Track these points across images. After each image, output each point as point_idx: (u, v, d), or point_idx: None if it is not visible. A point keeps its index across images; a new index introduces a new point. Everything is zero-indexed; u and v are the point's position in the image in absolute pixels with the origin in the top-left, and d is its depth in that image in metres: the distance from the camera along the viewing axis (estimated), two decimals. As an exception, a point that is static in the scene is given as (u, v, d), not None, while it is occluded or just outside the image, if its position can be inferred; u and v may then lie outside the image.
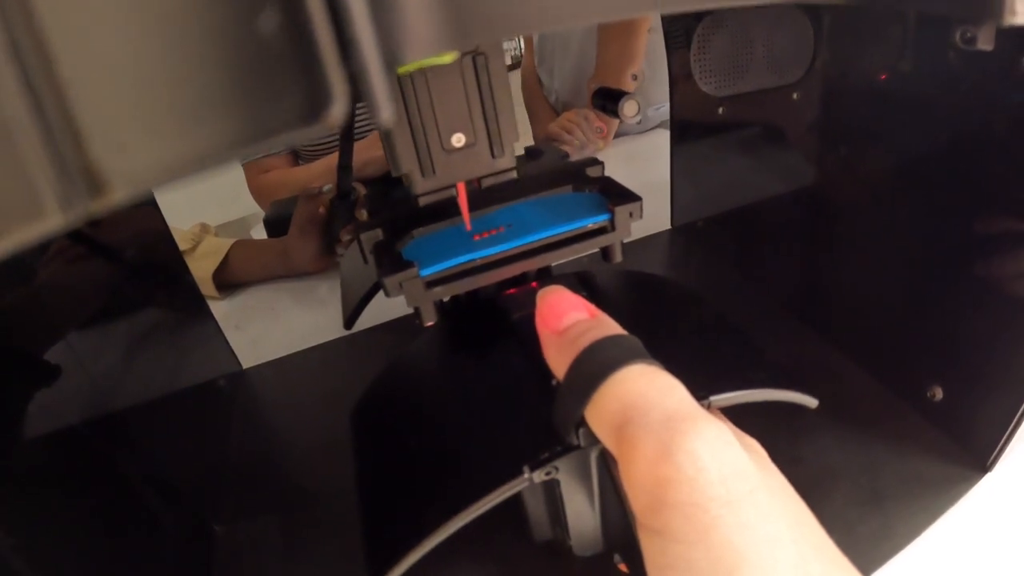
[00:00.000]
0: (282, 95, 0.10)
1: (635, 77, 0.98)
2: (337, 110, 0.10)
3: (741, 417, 0.26)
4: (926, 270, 0.39)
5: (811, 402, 0.29)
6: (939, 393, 0.40)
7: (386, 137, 0.28)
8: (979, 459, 0.38)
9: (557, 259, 0.30)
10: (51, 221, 0.09)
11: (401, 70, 0.21)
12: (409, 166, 0.28)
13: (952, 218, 0.37)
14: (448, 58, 0.19)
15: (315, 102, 0.10)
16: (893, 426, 0.41)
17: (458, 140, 0.28)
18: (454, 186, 0.29)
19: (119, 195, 0.09)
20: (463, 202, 0.29)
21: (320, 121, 0.10)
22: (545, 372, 0.23)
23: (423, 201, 0.29)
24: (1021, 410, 0.35)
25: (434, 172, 0.28)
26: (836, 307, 0.49)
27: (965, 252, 0.36)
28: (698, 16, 0.50)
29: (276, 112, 0.10)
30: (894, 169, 0.40)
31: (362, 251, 0.33)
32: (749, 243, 0.59)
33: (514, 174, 0.30)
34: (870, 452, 0.39)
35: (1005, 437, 0.36)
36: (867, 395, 0.44)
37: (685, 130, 0.63)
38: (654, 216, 0.68)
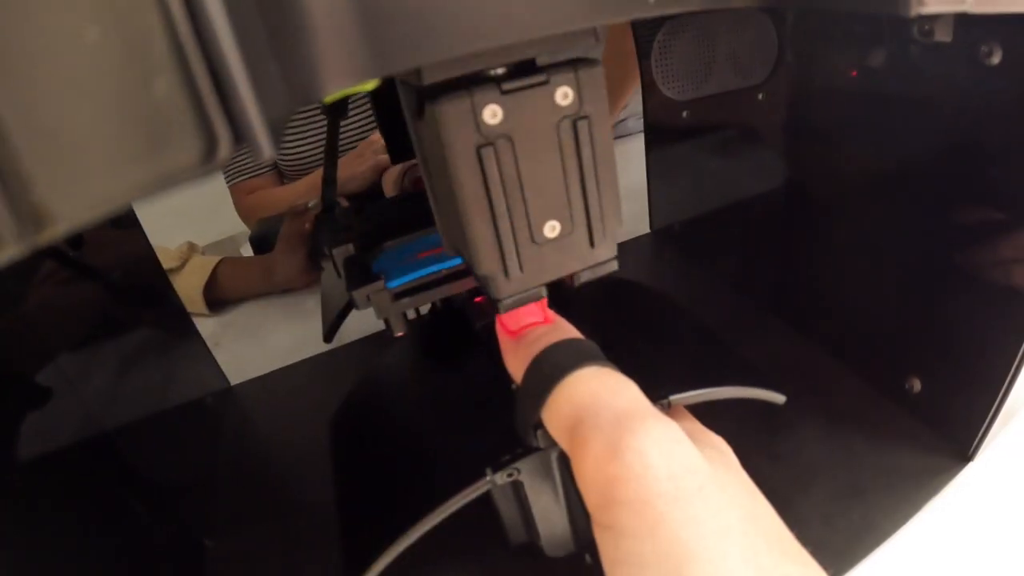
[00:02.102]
0: (179, 144, 0.11)
1: None
2: (223, 153, 0.11)
3: (718, 415, 0.26)
4: (901, 262, 0.40)
5: (778, 399, 0.29)
6: (917, 384, 0.40)
7: (457, 228, 0.22)
8: (960, 449, 0.38)
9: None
10: (10, 251, 0.11)
11: (328, 96, 0.18)
12: (491, 266, 0.22)
13: (927, 210, 0.37)
14: (370, 85, 0.17)
15: (207, 148, 0.11)
16: (872, 419, 0.41)
17: (552, 229, 0.22)
18: (542, 286, 0.23)
19: (61, 228, 0.11)
20: None
21: (211, 163, 0.11)
22: (508, 377, 0.24)
23: (505, 307, 0.23)
24: (1000, 398, 0.35)
25: (521, 271, 0.22)
26: (812, 303, 0.49)
27: (941, 242, 0.36)
28: (659, 22, 0.50)
29: (176, 158, 0.11)
30: (866, 164, 0.41)
31: (335, 265, 0.33)
32: (725, 243, 0.59)
33: (615, 265, 0.25)
34: (849, 445, 0.39)
35: (986, 425, 0.36)
36: (845, 389, 0.44)
37: (658, 135, 0.63)
38: (632, 220, 0.69)
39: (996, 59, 0.31)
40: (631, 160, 0.70)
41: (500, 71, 0.19)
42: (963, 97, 0.33)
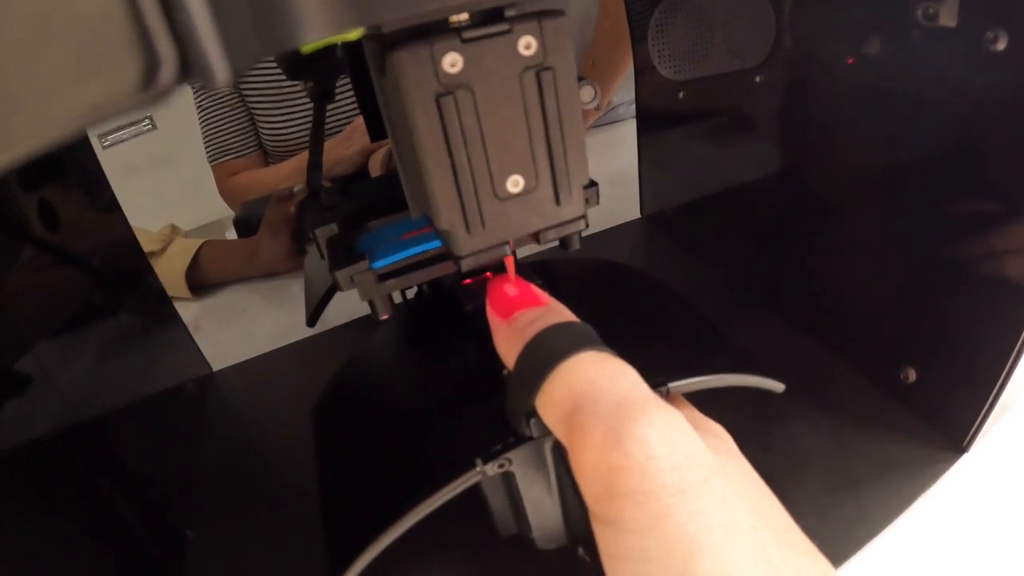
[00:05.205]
0: (112, 66, 0.10)
1: (594, 63, 0.96)
2: (166, 76, 0.10)
3: (711, 404, 0.25)
4: (897, 251, 0.39)
5: (777, 387, 0.29)
6: (912, 375, 0.39)
7: (415, 180, 0.22)
8: (955, 440, 0.37)
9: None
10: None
11: (306, 48, 0.17)
12: (452, 220, 0.21)
13: (925, 200, 0.36)
14: (354, 35, 0.16)
15: (146, 69, 0.10)
16: (866, 410, 0.41)
17: (515, 184, 0.22)
18: (505, 243, 0.23)
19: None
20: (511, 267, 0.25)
21: (152, 88, 0.10)
22: (499, 362, 0.23)
23: (467, 265, 0.23)
24: (996, 390, 0.34)
25: (483, 227, 0.22)
26: (806, 292, 0.49)
27: (939, 233, 0.36)
28: (654, 0, 0.49)
29: (109, 83, 0.10)
30: (864, 154, 0.40)
31: (318, 245, 0.32)
32: (718, 230, 0.59)
33: (583, 224, 0.24)
34: (843, 436, 0.39)
35: (980, 417, 0.36)
36: (838, 379, 0.43)
37: (650, 119, 0.62)
38: (623, 206, 0.68)
39: (1002, 45, 0.30)
40: (622, 146, 0.69)
41: (463, 21, 0.19)
42: (966, 84, 0.32)
